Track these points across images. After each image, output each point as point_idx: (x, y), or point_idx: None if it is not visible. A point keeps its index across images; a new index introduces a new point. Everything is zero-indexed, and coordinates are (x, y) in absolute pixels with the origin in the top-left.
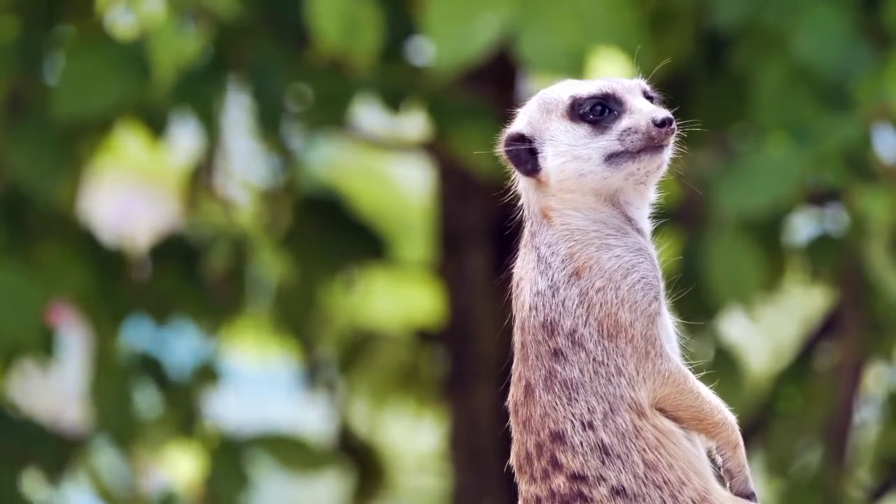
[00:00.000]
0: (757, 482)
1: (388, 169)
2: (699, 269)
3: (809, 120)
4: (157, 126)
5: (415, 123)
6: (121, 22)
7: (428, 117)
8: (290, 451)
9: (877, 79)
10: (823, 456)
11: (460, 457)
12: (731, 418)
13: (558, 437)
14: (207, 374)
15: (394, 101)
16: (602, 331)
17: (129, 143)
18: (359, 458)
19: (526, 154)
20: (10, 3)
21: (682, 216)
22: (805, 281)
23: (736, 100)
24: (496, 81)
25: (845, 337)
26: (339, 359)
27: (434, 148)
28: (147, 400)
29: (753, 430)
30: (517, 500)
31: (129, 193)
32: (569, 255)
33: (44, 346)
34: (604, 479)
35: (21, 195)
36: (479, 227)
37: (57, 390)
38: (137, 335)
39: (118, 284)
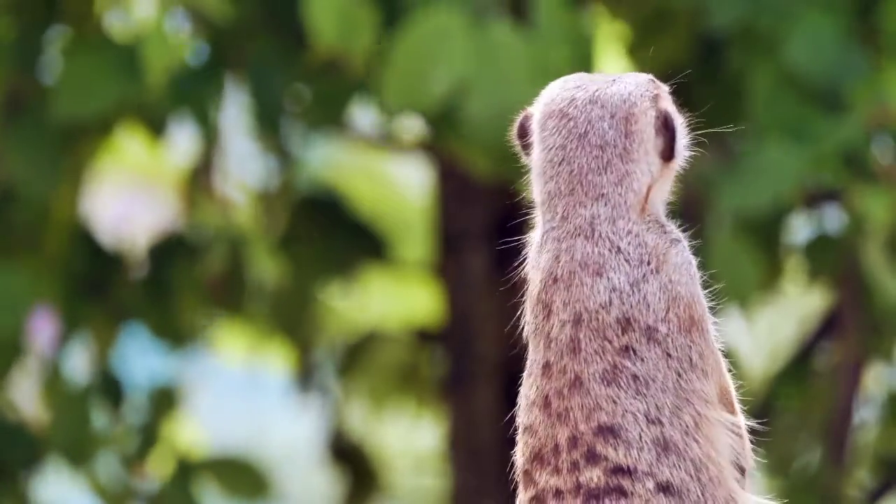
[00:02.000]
0: (756, 482)
1: (387, 169)
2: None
3: (803, 122)
4: (155, 126)
5: (414, 124)
6: (118, 23)
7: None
8: (237, 476)
9: (873, 82)
10: (823, 456)
11: (460, 457)
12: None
13: (609, 431)
14: (165, 397)
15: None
16: (679, 325)
17: (128, 144)
18: (352, 462)
19: None
20: (8, 3)
21: (681, 216)
22: (804, 281)
23: (733, 101)
24: None
25: (844, 337)
26: (337, 360)
27: (433, 148)
28: (103, 419)
29: (752, 431)
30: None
31: (128, 194)
32: (648, 246)
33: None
34: (654, 475)
35: (11, 194)
36: (479, 227)
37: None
38: (131, 344)
39: (110, 289)
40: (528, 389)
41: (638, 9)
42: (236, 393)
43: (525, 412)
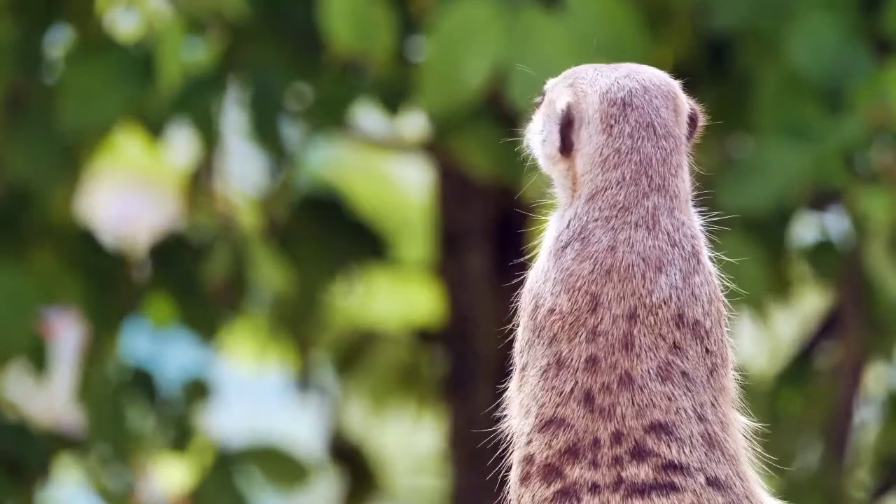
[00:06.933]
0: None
1: (388, 169)
2: None
3: (809, 123)
4: (155, 128)
5: (415, 123)
6: (123, 25)
7: (427, 118)
8: (278, 464)
9: (874, 81)
10: (823, 456)
11: (460, 457)
12: None
13: (662, 428)
14: (198, 389)
15: (393, 101)
16: (715, 319)
17: (127, 144)
18: (350, 463)
19: None
20: (9, 2)
21: None
22: (806, 282)
23: (738, 101)
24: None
25: (845, 337)
26: (337, 360)
27: (434, 148)
28: (138, 414)
29: (754, 431)
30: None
31: (128, 194)
32: (695, 238)
33: (35, 356)
34: (703, 470)
35: (19, 198)
36: (479, 227)
37: (55, 391)
38: (134, 342)
39: (116, 287)
40: (561, 383)
41: (643, 8)
42: (238, 395)
43: (551, 406)
